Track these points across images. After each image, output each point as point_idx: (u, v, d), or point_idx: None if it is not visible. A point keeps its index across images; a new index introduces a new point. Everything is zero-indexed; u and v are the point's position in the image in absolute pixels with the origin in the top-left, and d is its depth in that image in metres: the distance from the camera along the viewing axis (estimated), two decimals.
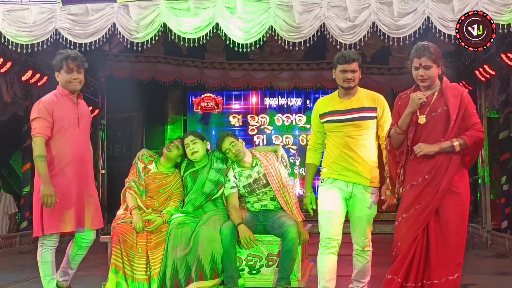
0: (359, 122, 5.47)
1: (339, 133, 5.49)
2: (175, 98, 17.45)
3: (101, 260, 8.61)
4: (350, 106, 5.53)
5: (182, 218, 6.10)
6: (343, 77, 5.51)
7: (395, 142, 5.10)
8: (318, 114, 5.61)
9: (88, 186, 5.93)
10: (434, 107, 4.92)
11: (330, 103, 5.62)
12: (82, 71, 6.06)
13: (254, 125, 17.50)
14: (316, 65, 14.93)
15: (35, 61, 11.22)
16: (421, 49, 4.97)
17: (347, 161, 5.45)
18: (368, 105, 5.56)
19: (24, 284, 7.23)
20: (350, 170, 5.44)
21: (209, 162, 6.39)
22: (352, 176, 5.45)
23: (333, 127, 5.52)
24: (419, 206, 4.94)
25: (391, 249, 5.18)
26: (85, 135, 5.96)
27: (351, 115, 5.48)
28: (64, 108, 5.86)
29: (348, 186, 5.46)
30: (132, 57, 14.41)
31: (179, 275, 5.86)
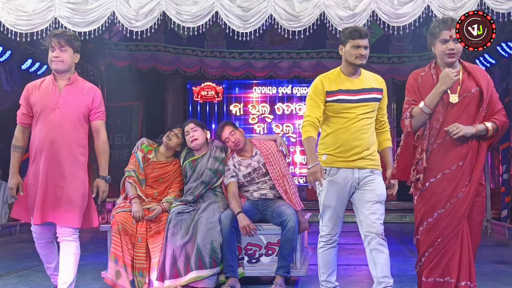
0: (371, 104, 5.08)
1: (349, 115, 5.01)
2: (175, 87, 17.47)
3: (100, 249, 8.67)
4: (360, 86, 5.10)
5: (182, 207, 6.10)
6: (356, 53, 5.05)
7: (417, 123, 4.55)
8: (325, 90, 5.08)
9: (60, 178, 5.19)
10: (467, 87, 4.55)
11: (337, 80, 5.14)
12: (68, 50, 5.37)
13: (255, 114, 17.52)
14: (316, 54, 14.90)
15: (35, 50, 11.20)
16: (450, 21, 4.57)
17: (357, 145, 4.99)
18: (376, 86, 5.18)
19: (25, 272, 7.25)
20: (359, 156, 4.99)
21: (209, 151, 6.39)
22: (360, 162, 5.00)
23: (343, 108, 5.02)
24: (455, 199, 4.44)
25: (421, 246, 4.63)
26: (67, 123, 5.21)
27: (363, 96, 5.06)
28: (43, 92, 5.30)
29: (354, 173, 5.00)
30: (132, 46, 14.39)
31: (179, 264, 5.86)
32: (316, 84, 5.21)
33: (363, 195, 5.05)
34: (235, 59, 15.05)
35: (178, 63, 14.85)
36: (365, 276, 7.23)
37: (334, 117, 5.07)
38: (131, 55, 14.56)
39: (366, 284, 6.66)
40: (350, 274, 7.21)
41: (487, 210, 10.92)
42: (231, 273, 5.93)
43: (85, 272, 7.15)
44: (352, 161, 5.00)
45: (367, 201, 5.04)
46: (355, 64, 5.11)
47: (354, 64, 5.11)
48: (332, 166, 5.04)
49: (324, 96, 5.09)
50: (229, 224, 5.96)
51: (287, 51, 14.99)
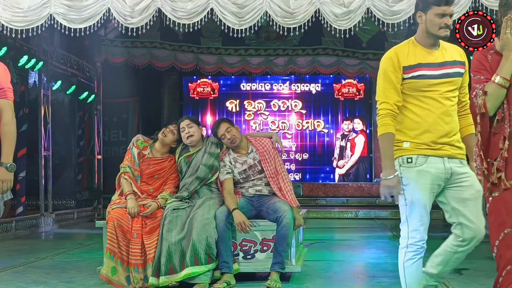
0: (455, 80, 4.23)
1: (433, 93, 4.17)
2: (171, 84, 17.49)
3: (96, 245, 8.68)
4: (442, 58, 4.23)
5: (177, 203, 6.10)
6: (441, 22, 4.16)
7: (495, 102, 3.80)
8: (401, 66, 4.18)
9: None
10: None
11: (414, 53, 4.25)
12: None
13: (251, 110, 17.55)
14: (312, 51, 14.94)
15: (31, 46, 11.21)
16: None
17: (445, 129, 4.14)
18: (459, 58, 4.30)
19: (20, 268, 7.25)
20: (448, 141, 4.14)
21: (204, 146, 6.39)
22: (450, 149, 4.15)
23: (426, 84, 4.16)
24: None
25: (500, 262, 3.96)
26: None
27: (446, 70, 4.20)
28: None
29: (445, 162, 4.11)
30: (128, 42, 14.42)
31: (174, 260, 5.86)
32: (389, 57, 4.24)
33: (461, 192, 4.14)
34: (231, 56, 15.08)
35: (174, 60, 14.87)
36: (360, 272, 7.27)
37: (415, 97, 4.19)
38: (127, 51, 14.58)
39: (360, 279, 6.70)
40: (345, 270, 7.23)
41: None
42: (226, 269, 5.94)
43: (81, 268, 7.18)
44: (440, 148, 4.13)
45: (468, 199, 4.13)
46: (438, 36, 4.21)
47: (438, 36, 4.21)
48: (419, 154, 4.13)
49: (401, 72, 4.18)
50: (225, 221, 5.96)
51: (282, 48, 15.02)
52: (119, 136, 16.79)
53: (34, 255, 8.36)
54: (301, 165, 17.51)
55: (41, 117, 11.80)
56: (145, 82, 16.54)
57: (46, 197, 12.03)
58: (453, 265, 4.41)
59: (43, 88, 11.89)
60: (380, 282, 6.23)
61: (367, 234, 11.32)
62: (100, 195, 14.50)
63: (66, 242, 10.00)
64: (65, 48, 12.71)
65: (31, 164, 12.02)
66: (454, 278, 6.40)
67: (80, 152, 14.59)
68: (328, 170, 17.48)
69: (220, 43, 14.80)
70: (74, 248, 9.06)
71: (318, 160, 17.58)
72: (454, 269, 4.60)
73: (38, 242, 10.35)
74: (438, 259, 4.41)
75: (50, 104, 12.15)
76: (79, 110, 14.53)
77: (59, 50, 12.58)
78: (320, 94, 17.59)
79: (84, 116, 14.69)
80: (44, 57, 11.76)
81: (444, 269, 4.41)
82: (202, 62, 15.08)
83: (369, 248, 9.67)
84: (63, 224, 12.59)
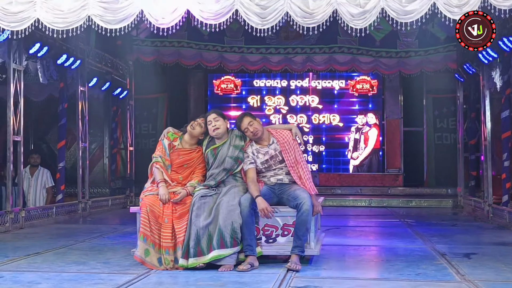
0: None
1: None
2: (197, 80, 17.56)
3: (129, 229, 8.76)
4: None
5: (205, 191, 6.14)
6: None
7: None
8: None
9: None
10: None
11: None
12: None
13: (271, 105, 17.54)
14: (328, 49, 14.87)
15: (69, 46, 11.29)
16: None
17: None
18: None
19: (61, 250, 7.34)
20: None
21: (229, 139, 6.41)
22: None
23: None
24: None
25: None
26: None
27: None
28: None
29: None
30: (158, 42, 14.50)
31: (202, 243, 5.92)
32: None
33: None
34: (252, 54, 15.08)
35: (200, 58, 14.89)
36: (374, 255, 7.27)
37: None
38: (156, 50, 14.64)
39: (374, 263, 6.70)
40: (360, 254, 7.23)
41: (488, 195, 10.90)
42: (250, 252, 5.98)
43: (116, 250, 7.24)
44: None
45: None
46: None
47: None
48: None
49: None
50: (248, 207, 6.00)
51: (301, 47, 14.98)
52: (149, 129, 16.90)
53: (73, 238, 8.45)
54: (317, 156, 17.48)
55: (79, 111, 11.90)
56: (173, 79, 16.62)
57: (83, 186, 12.14)
58: None
59: (80, 85, 11.98)
60: (394, 265, 6.23)
61: (380, 221, 11.30)
62: (132, 183, 14.59)
63: (101, 226, 10.09)
64: (100, 47, 12.80)
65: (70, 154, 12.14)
66: (462, 262, 6.39)
67: (113, 144, 14.69)
68: (343, 162, 17.44)
69: (242, 43, 14.80)
70: (110, 232, 9.13)
71: (333, 152, 17.52)
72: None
73: (76, 227, 10.45)
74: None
75: (86, 99, 12.24)
76: (113, 105, 14.62)
77: (95, 50, 12.66)
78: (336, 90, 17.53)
79: (117, 111, 14.77)
80: (81, 56, 11.84)
81: None
82: (225, 60, 15.08)
83: (382, 234, 9.66)
84: (98, 210, 12.69)
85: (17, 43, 9.53)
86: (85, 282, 5.37)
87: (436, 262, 6.45)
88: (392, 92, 17.23)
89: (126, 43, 13.99)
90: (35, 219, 10.13)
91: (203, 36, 14.36)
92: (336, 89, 17.51)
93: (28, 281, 5.43)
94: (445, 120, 16.75)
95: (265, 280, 5.44)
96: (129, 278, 5.54)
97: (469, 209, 12.31)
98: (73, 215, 11.52)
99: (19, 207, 9.73)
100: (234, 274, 5.73)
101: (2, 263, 6.38)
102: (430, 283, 5.34)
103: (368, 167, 17.22)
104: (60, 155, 11.68)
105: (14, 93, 9.59)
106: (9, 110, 9.49)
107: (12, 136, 9.52)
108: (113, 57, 13.79)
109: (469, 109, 13.35)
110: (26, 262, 6.47)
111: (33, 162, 11.60)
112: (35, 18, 7.90)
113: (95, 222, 10.99)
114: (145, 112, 16.75)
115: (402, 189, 16.13)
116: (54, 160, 11.90)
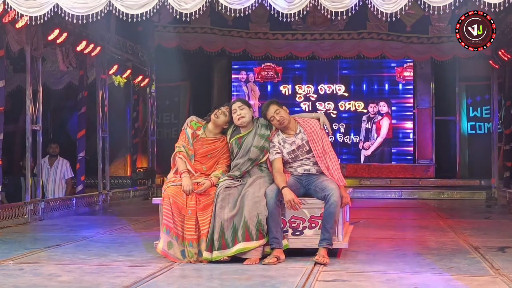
0: None
1: None
2: (221, 68, 17.53)
3: (153, 221, 8.82)
4: None
5: (229, 182, 6.15)
6: None
7: None
8: None
9: None
10: None
11: None
12: None
13: (301, 93, 17.50)
14: (357, 35, 14.81)
15: (89, 32, 11.34)
16: None
17: None
18: None
19: (82, 242, 7.41)
20: None
21: (254, 128, 6.40)
22: None
23: None
24: None
25: None
26: None
27: None
28: None
29: None
30: (180, 28, 14.53)
31: (227, 235, 5.92)
32: None
33: None
34: (278, 40, 15.06)
35: (224, 44, 14.90)
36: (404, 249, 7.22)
37: None
38: (179, 37, 14.67)
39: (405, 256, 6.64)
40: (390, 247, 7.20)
41: None
42: (276, 245, 5.97)
43: (138, 242, 7.30)
44: None
45: None
46: None
47: None
48: None
49: None
50: (274, 198, 5.99)
51: (328, 32, 14.92)
52: (171, 119, 16.92)
53: (94, 230, 8.53)
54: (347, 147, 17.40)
55: (99, 100, 11.98)
56: (196, 66, 16.61)
57: (104, 176, 12.23)
58: None
59: (100, 72, 12.05)
60: (425, 259, 6.20)
61: (410, 213, 11.24)
62: (154, 174, 14.69)
63: (123, 218, 10.16)
64: (120, 34, 12.86)
65: (90, 144, 12.23)
66: (497, 255, 6.33)
67: (135, 134, 14.77)
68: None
69: (268, 28, 14.79)
70: (131, 224, 9.20)
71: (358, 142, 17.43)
72: None
73: (96, 218, 10.55)
74: None
75: (107, 87, 12.32)
76: (134, 94, 14.70)
77: (116, 36, 12.72)
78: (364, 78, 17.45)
79: (139, 100, 14.84)
80: (102, 43, 11.90)
81: None
82: (250, 47, 15.08)
83: (412, 226, 9.61)
84: (120, 202, 12.80)
85: (36, 30, 9.61)
86: (106, 275, 5.41)
87: (469, 256, 6.40)
88: (423, 79, 17.08)
89: (147, 30, 14.04)
90: (55, 211, 10.25)
91: (227, 22, 14.38)
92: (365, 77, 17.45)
93: (48, 273, 5.49)
94: (479, 108, 16.56)
95: (292, 274, 5.43)
96: (152, 271, 5.57)
97: (504, 201, 12.20)
98: (93, 207, 11.64)
99: (39, 198, 9.84)
100: (260, 268, 5.73)
101: (22, 255, 6.45)
102: (463, 277, 5.29)
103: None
104: (80, 144, 11.76)
105: (32, 81, 9.68)
106: (28, 98, 9.58)
107: (30, 125, 9.61)
108: (134, 44, 13.86)
109: (504, 97, 13.20)
110: (46, 254, 6.54)
111: (52, 152, 11.65)
112: (54, 3, 7.93)
113: (116, 214, 11.08)
114: (167, 100, 16.79)
115: (433, 181, 16.02)
116: (74, 150, 11.99)
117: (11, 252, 6.61)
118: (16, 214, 9.16)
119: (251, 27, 14.77)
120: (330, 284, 5.10)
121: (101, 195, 12.03)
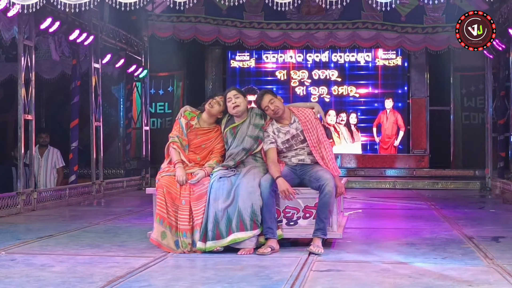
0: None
1: None
2: (215, 57, 17.52)
3: (145, 212, 8.80)
4: None
5: (223, 172, 6.13)
6: None
7: None
8: None
9: None
10: None
11: None
12: None
13: (296, 78, 17.54)
14: (352, 25, 14.80)
15: (82, 21, 11.29)
16: None
17: None
18: None
19: (75, 233, 7.38)
20: None
21: (248, 118, 6.38)
22: None
23: None
24: None
25: None
26: None
27: None
28: None
29: None
30: (174, 17, 14.49)
31: (221, 225, 5.91)
32: None
33: None
34: (272, 30, 15.05)
35: (218, 34, 14.87)
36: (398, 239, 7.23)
37: None
38: (172, 26, 14.63)
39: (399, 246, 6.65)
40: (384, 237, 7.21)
41: None
42: (270, 235, 5.97)
43: (132, 233, 7.28)
44: None
45: None
46: None
47: None
48: None
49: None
50: (269, 188, 5.97)
51: (323, 22, 14.91)
52: (165, 108, 16.91)
53: (87, 220, 8.50)
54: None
55: (92, 89, 11.93)
56: (190, 55, 16.59)
57: (97, 166, 12.19)
58: None
59: (93, 62, 11.99)
60: (419, 248, 6.20)
61: (404, 203, 11.25)
62: (147, 164, 14.66)
63: (116, 208, 10.14)
64: (114, 23, 12.79)
65: (83, 134, 12.18)
66: (491, 245, 6.34)
67: (128, 124, 14.73)
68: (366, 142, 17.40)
69: (262, 18, 14.76)
70: (125, 214, 9.18)
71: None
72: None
73: (90, 209, 10.53)
74: None
75: (100, 77, 12.26)
76: (127, 83, 14.64)
77: (109, 25, 12.65)
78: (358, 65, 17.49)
79: (132, 89, 14.78)
80: (95, 32, 11.84)
81: None
82: (244, 36, 15.05)
83: (407, 217, 9.62)
84: (113, 192, 12.77)
85: (28, 18, 9.53)
86: (99, 265, 5.39)
87: (463, 245, 6.41)
88: (418, 69, 17.08)
89: (141, 19, 13.99)
90: (48, 201, 10.21)
91: (221, 11, 14.35)
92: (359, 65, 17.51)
93: (41, 264, 5.47)
94: (473, 99, 16.59)
95: (286, 264, 5.42)
96: (145, 261, 5.56)
97: (498, 191, 12.22)
98: (86, 197, 11.60)
99: (31, 188, 9.80)
100: (254, 258, 5.72)
101: (14, 245, 6.43)
102: (457, 267, 5.30)
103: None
104: (73, 134, 11.71)
105: (25, 70, 9.62)
106: (20, 87, 9.52)
107: (23, 114, 9.55)
108: (127, 33, 13.79)
109: (498, 87, 13.20)
110: (39, 245, 6.51)
111: (42, 142, 11.39)
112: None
113: (110, 204, 11.05)
114: (160, 90, 16.76)
115: (427, 171, 16.06)
116: (66, 139, 11.93)
117: (3, 242, 6.58)
118: (9, 204, 9.12)
119: (246, 16, 14.74)
120: (325, 274, 5.09)
121: (94, 185, 12.00)
